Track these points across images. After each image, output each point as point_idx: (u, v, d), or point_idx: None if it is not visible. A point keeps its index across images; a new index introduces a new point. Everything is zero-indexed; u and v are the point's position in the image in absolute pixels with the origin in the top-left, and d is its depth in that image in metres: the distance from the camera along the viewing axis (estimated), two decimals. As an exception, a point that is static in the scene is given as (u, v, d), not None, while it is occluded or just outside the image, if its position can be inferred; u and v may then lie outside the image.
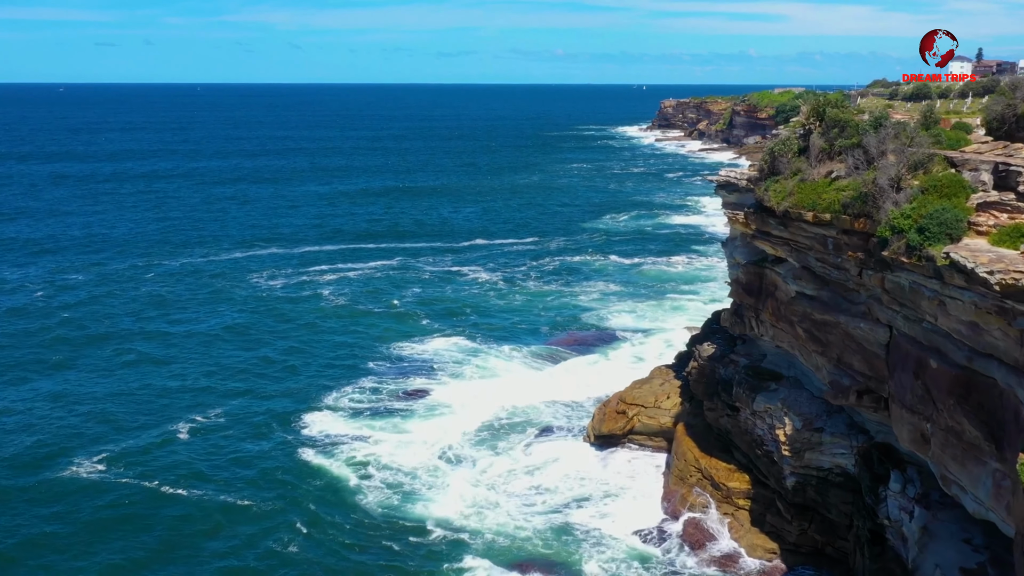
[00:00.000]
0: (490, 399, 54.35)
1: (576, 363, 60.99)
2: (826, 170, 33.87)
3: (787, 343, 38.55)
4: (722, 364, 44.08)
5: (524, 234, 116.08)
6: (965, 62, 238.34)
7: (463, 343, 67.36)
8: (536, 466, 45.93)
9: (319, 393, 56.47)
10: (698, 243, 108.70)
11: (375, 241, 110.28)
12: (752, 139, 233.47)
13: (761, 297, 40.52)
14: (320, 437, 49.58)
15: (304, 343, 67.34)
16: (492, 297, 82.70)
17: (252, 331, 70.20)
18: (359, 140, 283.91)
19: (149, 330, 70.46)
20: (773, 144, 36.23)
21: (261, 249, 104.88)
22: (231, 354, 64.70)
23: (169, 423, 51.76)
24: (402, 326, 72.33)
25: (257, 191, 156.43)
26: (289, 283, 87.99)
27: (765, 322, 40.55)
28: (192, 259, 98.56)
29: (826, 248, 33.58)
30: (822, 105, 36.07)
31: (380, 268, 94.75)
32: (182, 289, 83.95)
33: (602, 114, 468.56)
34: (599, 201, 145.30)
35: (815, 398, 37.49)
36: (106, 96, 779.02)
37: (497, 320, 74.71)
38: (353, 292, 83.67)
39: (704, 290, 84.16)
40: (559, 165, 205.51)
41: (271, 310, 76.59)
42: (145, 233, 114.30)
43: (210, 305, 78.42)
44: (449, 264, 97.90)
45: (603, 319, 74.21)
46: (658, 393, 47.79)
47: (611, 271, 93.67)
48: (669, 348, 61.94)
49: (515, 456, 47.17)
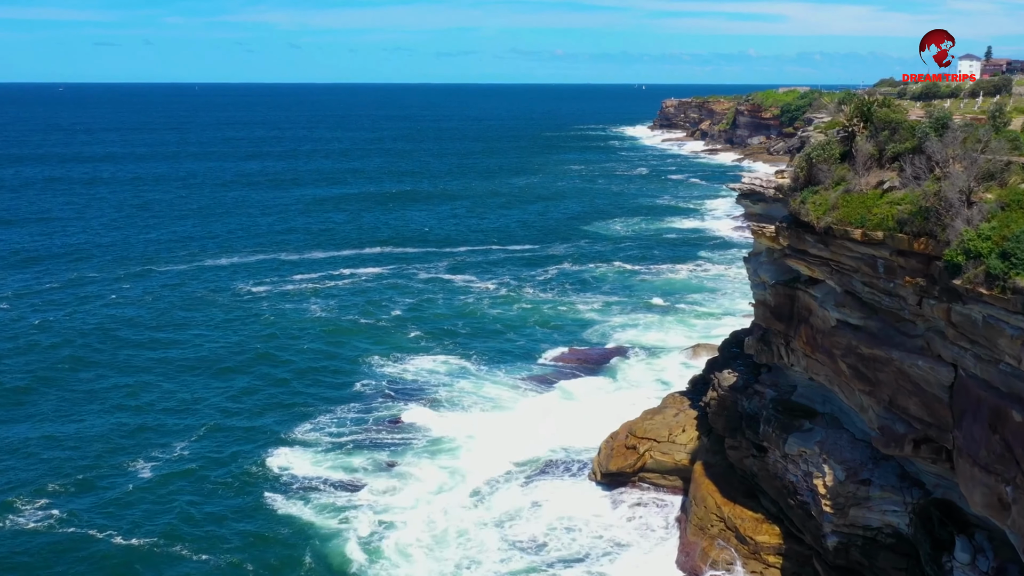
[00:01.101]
0: (481, 430, 49.22)
1: (579, 386, 55.85)
2: (876, 179, 28.88)
3: (824, 377, 33.52)
4: (745, 395, 39.09)
5: (523, 239, 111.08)
6: (974, 61, 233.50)
7: (454, 362, 62.29)
8: (534, 510, 40.81)
9: (295, 424, 51.12)
10: (704, 249, 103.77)
11: (367, 247, 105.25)
12: (756, 139, 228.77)
13: (793, 323, 35.50)
14: (293, 480, 44.14)
15: (284, 363, 62.11)
16: (487, 308, 77.68)
17: (229, 349, 64.96)
18: (355, 142, 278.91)
19: (120, 353, 64.58)
20: (811, 149, 31.22)
21: (249, 255, 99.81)
22: (205, 377, 59.45)
23: (130, 460, 46.59)
24: (390, 342, 67.22)
25: (248, 195, 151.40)
26: (273, 292, 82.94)
27: (797, 351, 35.53)
28: (175, 266, 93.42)
29: (876, 271, 28.59)
30: (868, 104, 31.05)
31: (371, 277, 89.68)
32: (161, 304, 78.40)
33: (602, 114, 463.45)
34: (600, 204, 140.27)
35: (858, 441, 32.47)
36: (104, 96, 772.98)
37: (492, 335, 69.64)
38: (341, 303, 78.58)
39: (711, 301, 79.18)
40: (559, 166, 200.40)
41: (252, 325, 71.35)
42: (124, 241, 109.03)
43: (188, 320, 72.99)
44: (444, 271, 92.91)
45: (606, 334, 69.22)
46: (672, 425, 42.75)
47: (613, 279, 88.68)
48: (682, 370, 56.92)
49: (510, 499, 42.01)
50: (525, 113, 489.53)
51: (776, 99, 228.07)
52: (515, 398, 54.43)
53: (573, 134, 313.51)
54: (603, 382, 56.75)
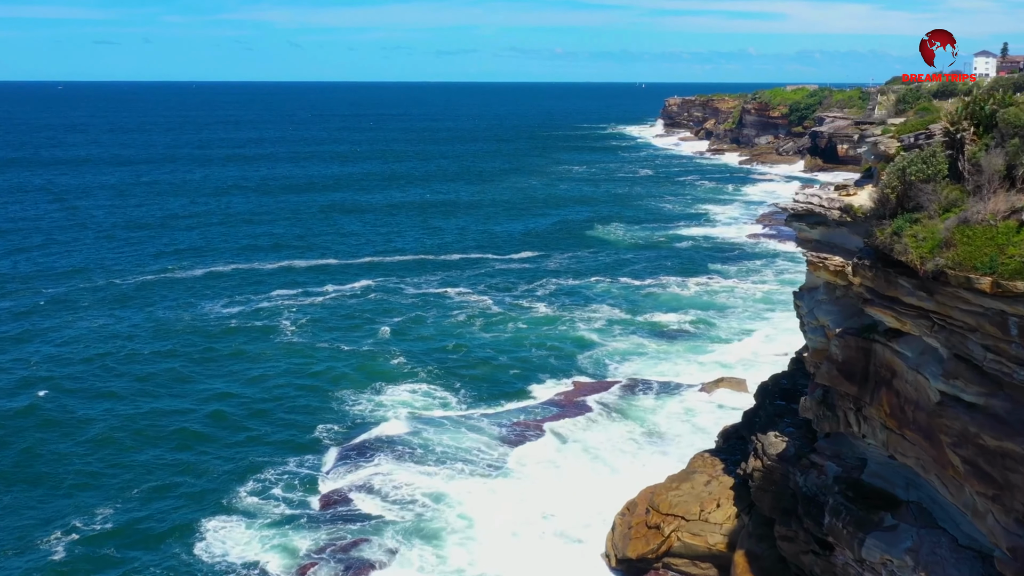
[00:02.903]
0: (465, 495, 40.83)
1: (582, 433, 47.61)
2: (1006, 206, 20.89)
3: (916, 461, 25.51)
4: (799, 468, 31.04)
5: (521, 247, 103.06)
6: (990, 58, 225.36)
7: (438, 397, 54.29)
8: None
9: (242, 481, 42.66)
10: (713, 259, 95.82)
11: (353, 257, 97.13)
12: (764, 139, 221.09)
13: (868, 386, 27.45)
14: (225, 569, 35.95)
15: (243, 400, 53.86)
16: (479, 329, 69.65)
17: (184, 383, 56.72)
18: (348, 144, 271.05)
19: (52, 391, 55.58)
20: (905, 162, 23.20)
21: (224, 264, 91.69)
22: (152, 417, 51.18)
23: (42, 532, 38.45)
24: (368, 371, 59.10)
25: (232, 201, 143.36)
26: (246, 310, 74.74)
27: (873, 421, 27.51)
28: (139, 276, 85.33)
29: (1007, 333, 20.59)
30: (982, 101, 23.02)
31: (356, 292, 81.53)
32: (115, 326, 70.16)
33: (603, 113, 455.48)
34: (603, 209, 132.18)
35: (962, 549, 24.43)
36: (102, 95, 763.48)
37: (483, 363, 61.52)
38: (318, 324, 70.41)
39: (724, 322, 71.13)
40: (560, 167, 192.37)
41: (213, 351, 63.14)
42: (83, 249, 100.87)
43: (134, 352, 63.70)
44: (435, 284, 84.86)
45: (610, 363, 61.29)
46: (703, 498, 34.70)
47: (617, 294, 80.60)
48: (706, 412, 48.88)
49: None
50: (525, 112, 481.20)
51: (784, 97, 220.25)
52: (506, 452, 45.91)
53: (574, 133, 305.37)
54: (611, 427, 48.55)
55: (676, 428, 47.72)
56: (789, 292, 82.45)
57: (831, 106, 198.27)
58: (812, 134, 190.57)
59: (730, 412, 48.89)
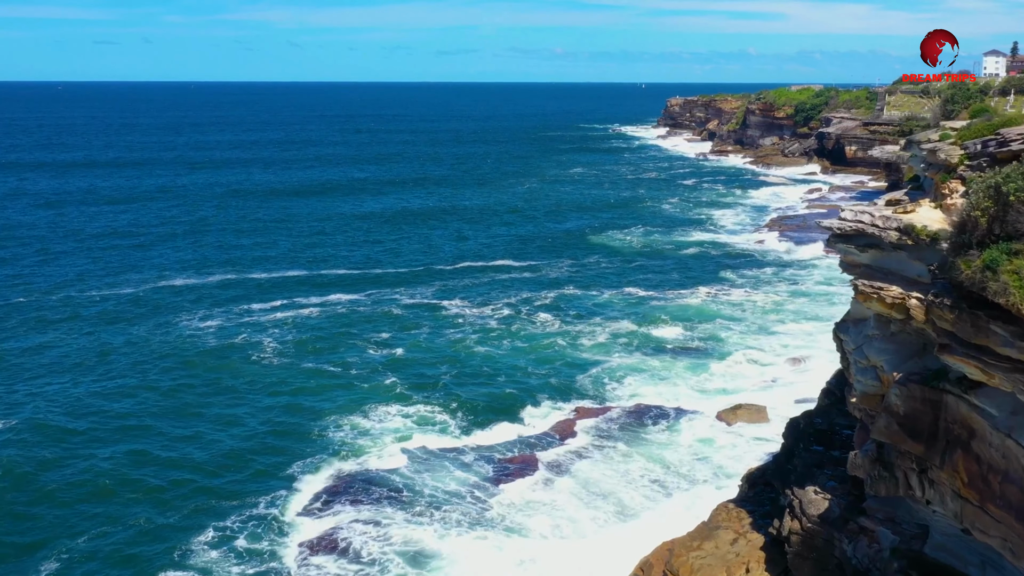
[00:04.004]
0: (455, 551, 35.98)
1: (586, 473, 42.53)
2: None
3: (1002, 542, 20.78)
4: (846, 534, 26.34)
5: (520, 255, 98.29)
6: (1000, 57, 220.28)
7: (427, 426, 49.33)
8: None
9: (194, 541, 37.24)
10: (722, 267, 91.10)
11: (344, 267, 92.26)
12: (769, 140, 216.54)
13: (937, 446, 22.70)
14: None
15: (213, 429, 48.88)
16: (474, 345, 64.89)
17: (144, 417, 51.31)
18: (342, 146, 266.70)
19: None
20: (1000, 177, 18.52)
21: (206, 277, 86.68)
22: (97, 461, 45.58)
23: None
24: (353, 397, 54.15)
25: (217, 207, 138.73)
26: (225, 326, 69.97)
27: (943, 488, 22.77)
28: (119, 289, 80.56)
29: None
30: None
31: (346, 304, 76.70)
32: (81, 341, 65.41)
33: (604, 113, 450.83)
34: (606, 214, 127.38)
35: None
36: (100, 95, 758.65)
37: (478, 385, 56.71)
38: (303, 343, 65.42)
39: (736, 338, 66.25)
40: (561, 169, 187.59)
41: (183, 374, 58.09)
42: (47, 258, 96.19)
43: (107, 373, 59.46)
44: (429, 296, 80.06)
45: (614, 383, 56.64)
46: (730, 561, 29.91)
47: (621, 306, 75.80)
48: (723, 445, 44.11)
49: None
50: (525, 112, 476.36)
51: (789, 98, 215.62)
52: (500, 496, 40.63)
53: (575, 134, 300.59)
54: (618, 464, 43.52)
55: (691, 466, 42.87)
56: (801, 303, 78.39)
57: (838, 106, 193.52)
58: (819, 135, 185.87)
59: (752, 446, 44.22)
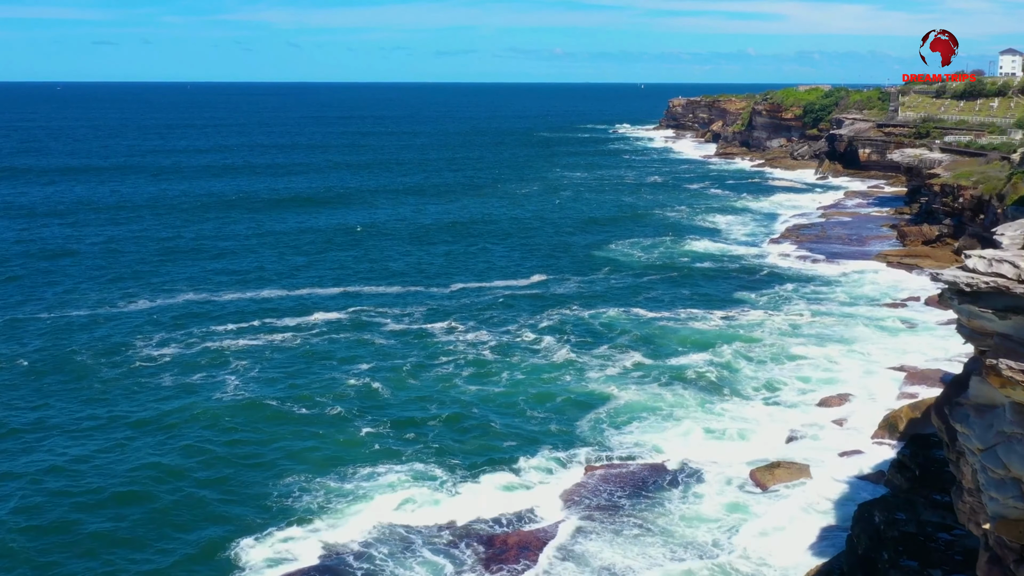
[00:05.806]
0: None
1: (596, 558, 34.87)
2: None
3: None
4: None
5: (519, 271, 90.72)
6: (1017, 56, 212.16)
7: (404, 490, 41.34)
8: None
9: None
10: (738, 285, 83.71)
11: (325, 285, 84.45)
12: (776, 142, 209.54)
13: None
14: None
15: (143, 496, 41.01)
16: (466, 380, 57.34)
17: (76, 466, 43.96)
18: (333, 150, 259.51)
19: None
20: None
21: (171, 297, 78.82)
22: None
23: None
24: (323, 447, 46.51)
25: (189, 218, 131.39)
26: (185, 353, 62.36)
27: None
28: (78, 311, 73.01)
29: None
30: None
31: (324, 327, 69.02)
32: (14, 369, 58.07)
33: (604, 113, 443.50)
34: (611, 223, 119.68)
35: None
36: (99, 95, 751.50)
37: (467, 431, 48.99)
38: (271, 375, 57.92)
39: (757, 370, 58.39)
40: (561, 172, 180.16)
41: (129, 417, 50.60)
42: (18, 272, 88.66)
43: (43, 403, 52.19)
44: (419, 319, 72.31)
45: (624, 429, 48.90)
46: None
47: (629, 331, 67.90)
48: (772, 540, 36.10)
49: None
50: (524, 113, 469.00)
51: (798, 98, 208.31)
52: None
53: (575, 136, 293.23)
54: (633, 549, 35.59)
55: (728, 552, 35.13)
56: (826, 325, 69.81)
57: (848, 107, 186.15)
58: (830, 137, 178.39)
59: (796, 520, 36.68)
